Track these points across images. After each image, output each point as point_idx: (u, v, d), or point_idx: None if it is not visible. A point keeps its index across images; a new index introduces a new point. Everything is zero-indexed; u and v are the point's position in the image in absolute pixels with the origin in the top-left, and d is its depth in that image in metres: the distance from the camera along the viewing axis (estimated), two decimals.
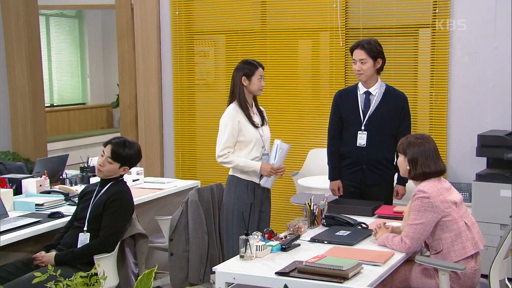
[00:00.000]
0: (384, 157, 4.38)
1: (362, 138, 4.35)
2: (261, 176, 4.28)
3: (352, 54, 4.37)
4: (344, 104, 4.45)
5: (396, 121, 4.36)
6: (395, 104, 4.36)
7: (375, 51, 4.30)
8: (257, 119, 4.33)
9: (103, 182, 3.91)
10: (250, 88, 4.26)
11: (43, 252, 3.74)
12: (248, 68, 4.26)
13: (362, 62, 4.29)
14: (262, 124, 4.37)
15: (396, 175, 4.42)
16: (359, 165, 4.38)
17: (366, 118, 4.35)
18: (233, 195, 4.28)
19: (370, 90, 4.37)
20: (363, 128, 4.35)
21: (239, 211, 4.20)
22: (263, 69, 4.33)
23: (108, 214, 3.75)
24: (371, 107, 4.36)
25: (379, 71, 4.37)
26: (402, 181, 4.39)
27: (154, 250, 4.94)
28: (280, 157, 4.27)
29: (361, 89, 4.40)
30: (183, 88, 6.55)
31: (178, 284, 4.31)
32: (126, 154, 3.84)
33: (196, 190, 4.37)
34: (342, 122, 4.46)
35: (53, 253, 3.72)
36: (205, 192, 4.42)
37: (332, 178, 4.52)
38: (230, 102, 4.32)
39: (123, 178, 3.96)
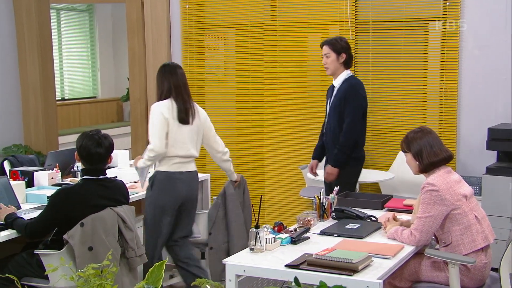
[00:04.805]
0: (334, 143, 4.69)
1: (323, 127, 4.85)
2: None
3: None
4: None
5: (341, 109, 4.64)
6: (341, 94, 4.65)
7: (338, 47, 4.65)
8: None
9: None
10: None
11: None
12: None
13: (327, 56, 4.66)
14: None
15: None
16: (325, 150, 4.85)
17: (327, 110, 4.77)
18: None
19: (334, 83, 4.75)
20: (326, 119, 4.79)
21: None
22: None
23: None
24: (331, 99, 4.73)
25: (345, 65, 4.68)
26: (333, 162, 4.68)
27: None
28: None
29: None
30: (193, 82, 6.55)
31: (218, 278, 4.34)
32: (77, 140, 3.91)
33: (230, 182, 4.46)
34: None
35: (9, 209, 3.75)
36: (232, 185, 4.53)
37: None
38: None
39: (86, 176, 3.78)
